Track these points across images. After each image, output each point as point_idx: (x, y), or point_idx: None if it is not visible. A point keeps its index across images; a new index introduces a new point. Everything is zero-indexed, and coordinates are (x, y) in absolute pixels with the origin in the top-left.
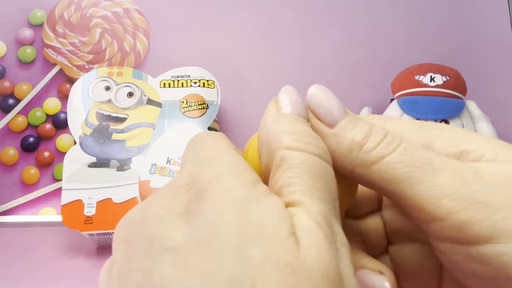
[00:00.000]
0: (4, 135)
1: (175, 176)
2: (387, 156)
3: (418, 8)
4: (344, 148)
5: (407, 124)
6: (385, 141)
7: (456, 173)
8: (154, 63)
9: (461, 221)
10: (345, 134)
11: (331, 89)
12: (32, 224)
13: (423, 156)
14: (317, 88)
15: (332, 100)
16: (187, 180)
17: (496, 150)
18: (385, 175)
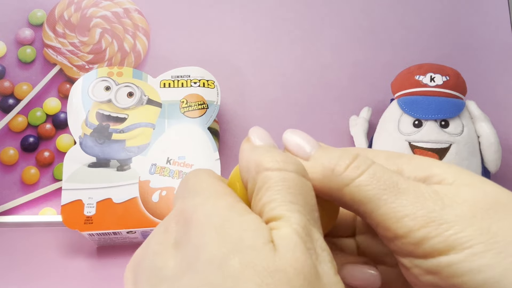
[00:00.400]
0: (4, 135)
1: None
2: (356, 178)
3: (418, 8)
4: (319, 173)
5: (380, 153)
6: (354, 163)
7: (418, 194)
8: (154, 63)
9: (419, 238)
10: (318, 161)
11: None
12: (32, 224)
13: (389, 179)
14: (290, 130)
15: (304, 137)
16: (176, 214)
17: (456, 174)
18: (356, 197)
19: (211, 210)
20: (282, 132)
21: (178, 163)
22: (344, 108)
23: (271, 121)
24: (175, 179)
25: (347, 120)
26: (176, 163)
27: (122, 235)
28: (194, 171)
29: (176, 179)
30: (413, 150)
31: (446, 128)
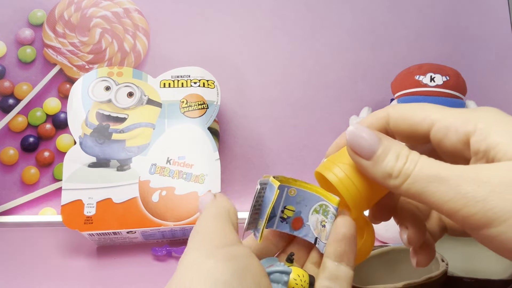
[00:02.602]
0: (4, 135)
1: None
2: (407, 179)
3: (418, 9)
4: (380, 177)
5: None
6: (406, 165)
7: (457, 179)
8: (154, 63)
9: (462, 217)
10: (379, 166)
11: (331, 89)
12: (32, 224)
13: (433, 171)
14: (353, 127)
15: (367, 136)
16: None
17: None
18: (411, 192)
19: (190, 257)
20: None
21: (178, 163)
22: (344, 108)
23: (271, 121)
24: (175, 179)
25: (347, 120)
26: (176, 163)
27: (122, 235)
28: (206, 209)
29: (176, 179)
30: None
31: None
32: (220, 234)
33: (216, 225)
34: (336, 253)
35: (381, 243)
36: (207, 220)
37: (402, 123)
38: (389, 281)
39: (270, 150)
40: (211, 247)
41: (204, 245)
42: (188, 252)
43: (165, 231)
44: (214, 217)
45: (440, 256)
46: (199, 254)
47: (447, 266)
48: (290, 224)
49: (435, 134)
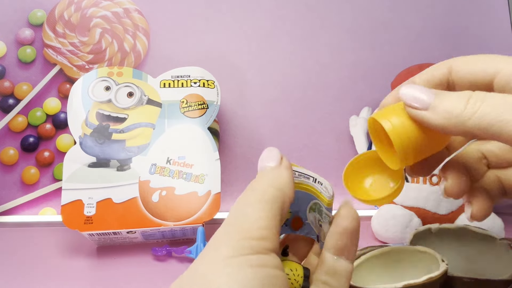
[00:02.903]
0: (4, 135)
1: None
2: (477, 110)
3: (418, 9)
4: (440, 119)
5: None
6: (471, 100)
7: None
8: (154, 63)
9: None
10: (438, 109)
11: (331, 89)
12: (32, 224)
13: (503, 102)
14: (406, 85)
15: (420, 89)
16: None
17: None
18: (482, 125)
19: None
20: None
21: (178, 163)
22: (344, 108)
23: (271, 121)
24: (175, 179)
25: (347, 120)
26: (176, 163)
27: (122, 235)
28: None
29: (176, 179)
30: None
31: None
32: (257, 232)
33: (259, 216)
34: (337, 246)
35: (381, 243)
36: (253, 204)
37: (465, 71)
38: (389, 281)
39: None
40: (239, 249)
41: (232, 244)
42: (213, 247)
43: (165, 231)
44: (264, 201)
45: (440, 256)
46: (223, 255)
47: (447, 266)
48: (290, 225)
49: (499, 81)
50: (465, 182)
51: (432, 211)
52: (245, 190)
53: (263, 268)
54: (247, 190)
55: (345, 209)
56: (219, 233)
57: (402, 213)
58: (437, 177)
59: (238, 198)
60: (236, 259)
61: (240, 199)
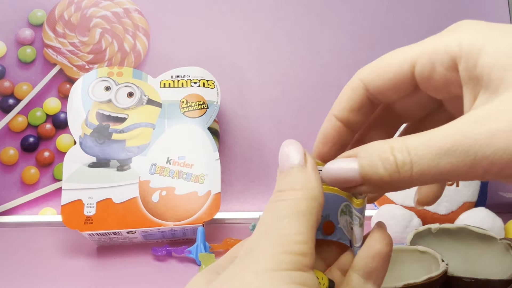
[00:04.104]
0: (4, 135)
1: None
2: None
3: (418, 9)
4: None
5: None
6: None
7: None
8: (154, 63)
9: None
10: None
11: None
12: (32, 224)
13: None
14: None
15: (343, 168)
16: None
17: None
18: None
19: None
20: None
21: (178, 163)
22: None
23: (271, 121)
24: (175, 179)
25: None
26: (176, 163)
27: (122, 235)
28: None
29: (176, 179)
30: None
31: None
32: (297, 246)
33: (298, 231)
34: (366, 269)
35: None
36: (288, 216)
37: (381, 78)
38: (389, 281)
39: (270, 150)
40: (281, 263)
41: (275, 256)
42: (254, 256)
43: (165, 231)
44: (299, 214)
45: (440, 256)
46: (266, 267)
47: (447, 266)
48: (322, 230)
49: (420, 73)
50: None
51: (432, 211)
52: (273, 198)
53: (305, 287)
54: (276, 200)
55: (379, 232)
56: (257, 242)
57: (402, 213)
58: None
59: (267, 207)
60: (279, 273)
61: (271, 208)
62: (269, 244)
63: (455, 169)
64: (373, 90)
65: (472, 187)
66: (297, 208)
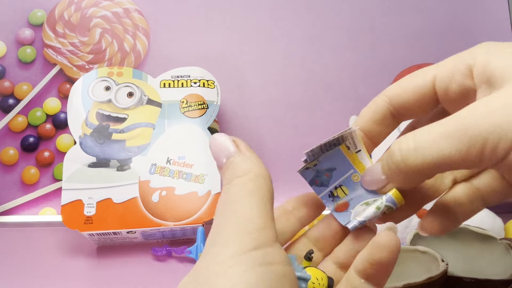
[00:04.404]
0: (4, 135)
1: None
2: (417, 159)
3: (419, 9)
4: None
5: None
6: (403, 147)
7: (461, 123)
8: (154, 63)
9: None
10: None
11: (331, 89)
12: (32, 224)
13: (430, 134)
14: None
15: (370, 174)
16: None
17: None
18: (430, 165)
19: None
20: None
21: (178, 163)
22: (344, 108)
23: (271, 121)
24: (175, 179)
25: (347, 120)
26: (176, 163)
27: (122, 235)
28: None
29: (176, 179)
30: None
31: None
32: (254, 224)
33: (249, 208)
34: (366, 272)
35: None
36: (238, 201)
37: (404, 92)
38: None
39: (270, 150)
40: (245, 245)
41: (237, 240)
42: (220, 244)
43: (165, 231)
44: (246, 194)
45: (440, 256)
46: (231, 252)
47: (447, 266)
48: (335, 204)
49: (440, 83)
50: (449, 218)
51: None
52: (222, 190)
53: (271, 267)
54: (225, 191)
55: (386, 236)
56: (216, 232)
57: None
58: None
59: (218, 200)
60: (243, 256)
61: (221, 199)
62: (228, 230)
63: (453, 154)
64: (396, 105)
65: None
66: (245, 190)
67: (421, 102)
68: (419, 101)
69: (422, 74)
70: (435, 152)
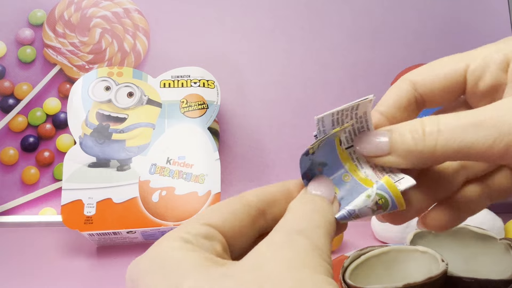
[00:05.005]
0: (4, 135)
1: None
2: (437, 140)
3: (418, 8)
4: (406, 160)
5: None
6: (427, 129)
7: (493, 115)
8: (154, 63)
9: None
10: (399, 151)
11: (331, 89)
12: (32, 224)
13: (462, 121)
14: (360, 139)
15: (373, 136)
16: None
17: None
18: (448, 152)
19: None
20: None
21: (178, 163)
22: None
23: (271, 121)
24: (175, 179)
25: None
26: (176, 163)
27: (122, 235)
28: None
29: (176, 179)
30: None
31: None
32: (326, 257)
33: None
34: None
35: (381, 243)
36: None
37: (433, 80)
38: (389, 281)
39: (270, 150)
40: (314, 271)
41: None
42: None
43: (165, 231)
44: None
45: (440, 256)
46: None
47: (447, 266)
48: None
49: (472, 72)
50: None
51: None
52: (306, 198)
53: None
54: (310, 204)
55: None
56: (291, 235)
57: None
58: None
59: (300, 202)
60: (319, 276)
61: (307, 210)
62: (312, 246)
63: (478, 143)
64: (422, 91)
65: None
66: (328, 225)
67: (449, 90)
68: (447, 89)
69: (452, 62)
70: (460, 139)
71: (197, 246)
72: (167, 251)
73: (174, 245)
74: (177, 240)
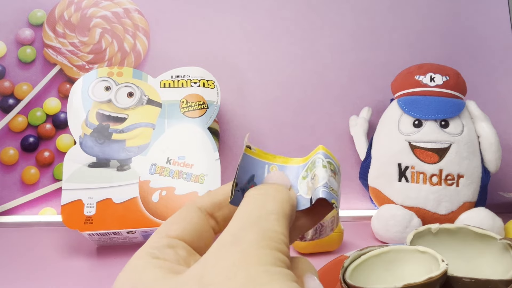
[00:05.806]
0: (4, 135)
1: None
2: None
3: (418, 9)
4: None
5: None
6: None
7: None
8: (154, 63)
9: None
10: None
11: (331, 89)
12: (32, 224)
13: None
14: None
15: None
16: None
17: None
18: None
19: None
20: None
21: (178, 163)
22: (344, 108)
23: (271, 121)
24: (175, 179)
25: (347, 120)
26: (176, 163)
27: (122, 235)
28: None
29: (176, 179)
30: (413, 150)
31: (446, 128)
32: (283, 246)
33: (282, 230)
34: None
35: (381, 243)
36: (276, 214)
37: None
38: (389, 281)
39: (270, 150)
40: (277, 261)
41: (269, 253)
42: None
43: None
44: (285, 216)
45: (440, 256)
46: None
47: (447, 266)
48: None
49: None
50: None
51: (432, 211)
52: (258, 189)
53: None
54: (263, 194)
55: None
56: (244, 230)
57: (402, 213)
58: (437, 177)
59: (252, 195)
60: (277, 269)
61: (258, 199)
62: (259, 238)
63: None
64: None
65: (472, 187)
66: (283, 209)
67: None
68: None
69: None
70: None
71: (162, 257)
72: (136, 270)
73: (141, 262)
74: (144, 256)
